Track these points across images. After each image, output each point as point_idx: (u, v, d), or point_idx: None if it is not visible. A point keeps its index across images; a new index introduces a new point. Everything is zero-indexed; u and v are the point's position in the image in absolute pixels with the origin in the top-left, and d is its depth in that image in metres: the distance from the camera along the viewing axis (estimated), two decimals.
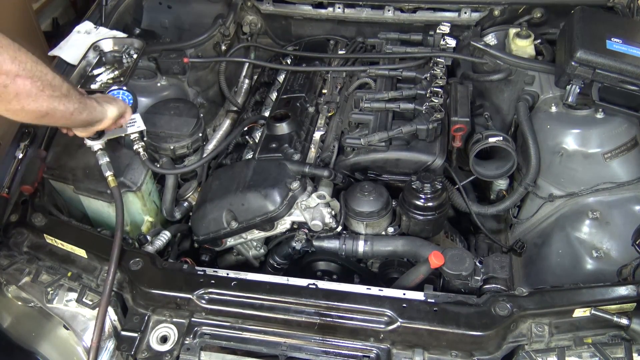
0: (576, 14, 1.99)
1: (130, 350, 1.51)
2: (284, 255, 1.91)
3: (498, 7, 2.41)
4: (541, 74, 2.08)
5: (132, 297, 1.62)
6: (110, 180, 1.69)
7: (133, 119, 1.83)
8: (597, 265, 1.82)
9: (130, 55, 2.21)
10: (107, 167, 1.71)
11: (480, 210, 2.08)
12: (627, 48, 1.84)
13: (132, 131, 1.82)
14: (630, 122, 1.90)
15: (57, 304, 1.67)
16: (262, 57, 2.74)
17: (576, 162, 1.90)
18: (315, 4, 2.56)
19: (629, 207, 1.87)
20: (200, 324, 1.55)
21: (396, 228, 1.90)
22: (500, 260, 1.74)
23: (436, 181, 1.79)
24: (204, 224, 1.91)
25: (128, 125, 1.81)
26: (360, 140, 1.96)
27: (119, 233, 1.60)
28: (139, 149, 1.83)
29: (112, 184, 1.69)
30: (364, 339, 1.50)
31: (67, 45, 2.32)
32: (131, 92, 1.89)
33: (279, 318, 1.53)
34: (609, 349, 1.43)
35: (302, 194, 1.83)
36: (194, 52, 2.36)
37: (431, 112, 1.96)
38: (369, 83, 2.31)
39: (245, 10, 2.68)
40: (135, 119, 1.83)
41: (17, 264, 1.73)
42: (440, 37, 2.34)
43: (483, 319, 1.45)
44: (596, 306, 1.44)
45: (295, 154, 1.97)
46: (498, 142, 1.94)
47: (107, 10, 2.48)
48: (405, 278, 1.74)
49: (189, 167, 1.96)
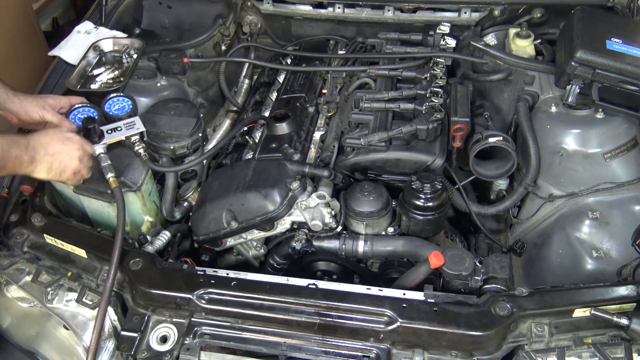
0: (576, 14, 1.99)
1: (130, 350, 1.51)
2: (284, 255, 1.91)
3: (498, 7, 2.41)
4: (541, 74, 2.08)
5: (132, 297, 1.62)
6: (111, 181, 1.69)
7: (132, 121, 1.84)
8: (597, 265, 1.82)
9: (130, 55, 2.21)
10: (108, 169, 1.72)
11: (480, 210, 2.08)
12: (627, 48, 1.84)
13: (131, 133, 1.82)
14: (630, 122, 1.90)
15: (57, 304, 1.67)
16: (262, 57, 2.74)
17: (576, 162, 1.90)
18: (315, 4, 2.56)
19: (629, 207, 1.87)
20: (200, 324, 1.55)
21: (396, 228, 1.90)
22: (500, 260, 1.74)
23: (436, 181, 1.79)
24: (204, 224, 1.91)
25: (127, 128, 1.82)
26: (360, 140, 1.96)
27: (120, 234, 1.60)
28: (139, 150, 1.84)
29: (113, 185, 1.69)
30: (364, 339, 1.50)
31: (67, 45, 2.33)
32: (130, 98, 1.90)
33: (279, 318, 1.53)
34: (609, 349, 1.43)
35: (302, 194, 1.83)
36: (194, 52, 2.36)
37: (431, 112, 1.96)
38: (369, 83, 2.31)
39: (245, 10, 2.68)
40: (134, 121, 1.84)
41: (17, 264, 1.74)
42: (440, 37, 2.34)
43: (483, 319, 1.45)
44: (596, 306, 1.44)
45: (295, 154, 1.97)
46: (498, 142, 1.94)
47: (107, 10, 2.48)
48: (405, 278, 1.74)
49: (187, 165, 1.96)
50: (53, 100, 1.83)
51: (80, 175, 1.65)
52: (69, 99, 1.88)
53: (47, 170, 1.55)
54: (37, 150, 1.51)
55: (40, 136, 1.56)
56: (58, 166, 1.56)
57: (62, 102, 1.85)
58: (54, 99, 1.84)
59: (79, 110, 1.84)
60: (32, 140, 1.53)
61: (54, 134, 1.60)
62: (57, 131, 1.62)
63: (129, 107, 1.89)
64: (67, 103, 1.86)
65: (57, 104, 1.83)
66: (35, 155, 1.51)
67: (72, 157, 1.59)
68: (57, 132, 1.61)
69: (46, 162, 1.54)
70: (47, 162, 1.54)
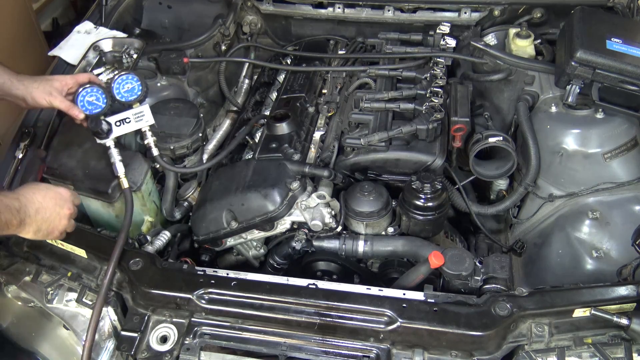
0: (576, 14, 1.99)
1: (130, 350, 1.51)
2: (284, 255, 1.91)
3: (498, 7, 2.41)
4: (541, 74, 2.08)
5: (132, 297, 1.62)
6: (122, 180, 1.68)
7: (141, 111, 1.76)
8: (597, 265, 1.82)
9: (130, 55, 2.21)
10: (119, 166, 1.69)
11: (480, 210, 2.08)
12: (627, 48, 1.84)
13: (140, 126, 1.75)
14: (630, 122, 1.90)
15: (57, 304, 1.68)
16: (262, 57, 2.74)
17: (576, 162, 1.90)
18: (315, 4, 2.56)
19: (629, 207, 1.87)
20: (200, 324, 1.55)
21: (396, 228, 1.90)
22: (500, 260, 1.74)
23: (436, 181, 1.79)
24: (204, 224, 1.91)
25: (137, 119, 1.74)
26: (360, 140, 1.96)
27: (124, 235, 1.61)
28: (150, 143, 1.76)
29: (124, 186, 1.68)
30: (364, 339, 1.50)
31: (67, 45, 2.33)
32: (139, 78, 1.78)
33: (279, 318, 1.53)
34: (609, 349, 1.43)
35: (302, 194, 1.83)
36: (194, 52, 2.36)
37: (431, 112, 1.96)
38: (369, 83, 2.31)
39: (245, 10, 2.68)
40: (143, 111, 1.75)
41: (17, 264, 1.74)
42: (440, 37, 2.34)
43: (483, 319, 1.45)
44: (596, 306, 1.44)
45: (295, 154, 1.97)
46: (498, 142, 1.94)
47: (107, 10, 2.48)
48: (405, 278, 1.74)
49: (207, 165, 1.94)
50: (59, 83, 1.77)
51: (65, 232, 1.59)
52: (76, 78, 1.83)
53: (35, 232, 1.49)
54: (27, 214, 1.44)
55: (32, 196, 1.47)
56: (46, 228, 1.51)
57: (69, 83, 1.80)
58: (60, 81, 1.78)
59: (87, 91, 1.75)
60: (23, 199, 1.44)
61: (46, 193, 1.50)
62: (49, 190, 1.53)
63: (139, 89, 1.78)
64: (74, 83, 1.80)
65: (64, 86, 1.78)
66: (26, 219, 1.44)
67: (61, 217, 1.53)
68: (49, 191, 1.52)
69: (35, 225, 1.47)
70: (36, 225, 1.47)
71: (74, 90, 1.79)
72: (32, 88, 1.74)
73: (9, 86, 1.72)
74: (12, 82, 1.73)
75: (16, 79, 1.73)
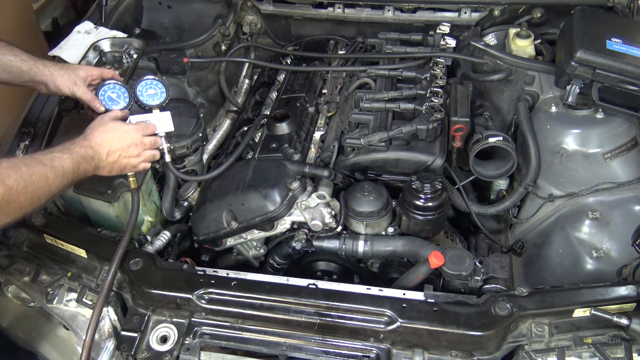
0: (576, 14, 1.99)
1: (130, 350, 1.51)
2: (284, 255, 1.91)
3: (498, 7, 2.41)
4: (541, 74, 2.08)
5: (132, 297, 1.62)
6: (131, 180, 1.69)
7: (162, 117, 1.74)
8: (597, 265, 1.82)
9: (130, 55, 2.21)
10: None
11: (480, 210, 2.08)
12: (627, 48, 1.84)
13: (159, 130, 1.73)
14: (630, 122, 1.90)
15: (57, 304, 1.67)
16: (262, 57, 2.74)
17: (576, 162, 1.90)
18: (315, 4, 2.56)
19: (629, 207, 1.87)
20: (200, 324, 1.55)
21: (396, 228, 1.90)
22: (500, 260, 1.74)
23: (436, 181, 1.79)
24: (204, 224, 1.91)
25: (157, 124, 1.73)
26: (360, 140, 1.96)
27: (128, 235, 1.61)
28: (164, 149, 1.76)
29: (132, 186, 1.69)
30: (364, 339, 1.50)
31: (67, 45, 2.32)
32: (164, 85, 1.74)
33: (279, 318, 1.53)
34: (609, 349, 1.43)
35: (302, 194, 1.83)
36: (194, 52, 2.36)
37: (431, 112, 1.96)
38: (369, 83, 2.31)
39: (245, 10, 2.68)
40: (164, 117, 1.73)
41: (17, 264, 1.74)
42: (440, 37, 2.34)
43: (483, 319, 1.45)
44: (596, 306, 1.44)
45: (295, 154, 1.97)
46: (498, 142, 1.94)
47: (107, 10, 2.48)
48: (405, 278, 1.74)
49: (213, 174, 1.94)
50: (84, 72, 1.76)
51: (143, 165, 1.68)
52: (101, 70, 1.81)
53: (109, 172, 1.62)
54: (100, 158, 1.56)
55: (102, 140, 1.57)
56: (118, 167, 1.62)
57: (94, 74, 1.79)
58: (85, 71, 1.77)
59: (109, 87, 1.71)
60: (95, 145, 1.55)
61: (114, 135, 1.59)
62: (117, 131, 1.61)
63: (161, 96, 1.73)
64: (98, 74, 1.79)
65: (89, 76, 1.77)
66: (99, 163, 1.56)
67: (130, 157, 1.63)
68: (117, 133, 1.60)
69: (109, 167, 1.60)
70: (110, 166, 1.60)
71: (96, 83, 1.78)
72: (58, 75, 1.73)
73: (35, 72, 1.72)
74: (38, 68, 1.72)
75: (42, 65, 1.73)
